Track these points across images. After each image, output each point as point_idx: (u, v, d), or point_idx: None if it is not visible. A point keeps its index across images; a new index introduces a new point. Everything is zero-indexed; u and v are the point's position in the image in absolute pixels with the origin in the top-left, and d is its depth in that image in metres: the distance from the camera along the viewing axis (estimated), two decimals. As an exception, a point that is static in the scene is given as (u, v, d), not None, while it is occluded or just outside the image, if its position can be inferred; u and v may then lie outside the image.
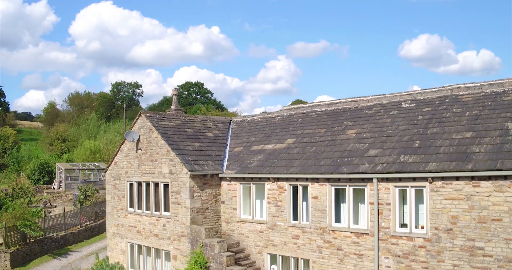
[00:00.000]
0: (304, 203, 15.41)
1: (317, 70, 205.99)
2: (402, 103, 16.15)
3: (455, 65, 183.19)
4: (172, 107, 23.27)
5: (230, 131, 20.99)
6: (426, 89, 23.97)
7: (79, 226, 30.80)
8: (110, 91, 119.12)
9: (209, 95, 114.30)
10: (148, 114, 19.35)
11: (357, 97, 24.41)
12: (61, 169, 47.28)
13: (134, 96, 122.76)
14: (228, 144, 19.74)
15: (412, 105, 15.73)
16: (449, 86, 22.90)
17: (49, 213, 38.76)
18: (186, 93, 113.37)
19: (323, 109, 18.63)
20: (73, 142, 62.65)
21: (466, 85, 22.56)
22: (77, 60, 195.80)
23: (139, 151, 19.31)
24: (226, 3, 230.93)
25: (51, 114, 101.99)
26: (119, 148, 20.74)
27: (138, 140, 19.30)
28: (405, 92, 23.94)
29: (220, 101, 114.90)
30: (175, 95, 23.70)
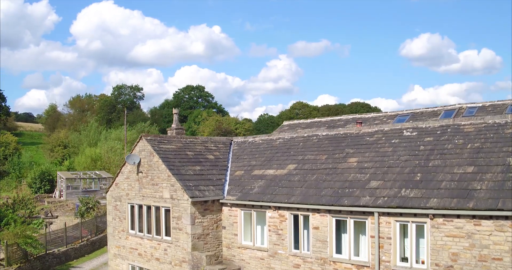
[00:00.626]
0: (305, 231, 15.40)
1: (318, 69, 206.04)
2: (404, 131, 16.13)
3: (456, 64, 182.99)
4: (173, 126, 23.29)
5: (231, 153, 20.98)
6: (428, 107, 23.99)
7: (80, 240, 30.82)
8: (111, 94, 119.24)
9: (210, 98, 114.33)
10: (148, 138, 19.34)
11: (358, 115, 24.37)
12: (62, 178, 47.31)
13: (135, 99, 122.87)
14: (229, 167, 19.73)
15: (414, 133, 15.71)
16: (450, 106, 22.92)
17: (50, 224, 38.86)
18: (187, 96, 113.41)
19: (324, 134, 18.61)
20: (74, 148, 62.70)
21: (469, 105, 22.61)
22: (78, 59, 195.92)
23: (140, 174, 19.31)
24: (227, 2, 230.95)
25: (52, 118, 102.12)
26: (120, 169, 20.75)
27: (139, 163, 19.31)
28: (406, 110, 23.94)
29: (221, 105, 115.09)
30: (175, 113, 23.71)
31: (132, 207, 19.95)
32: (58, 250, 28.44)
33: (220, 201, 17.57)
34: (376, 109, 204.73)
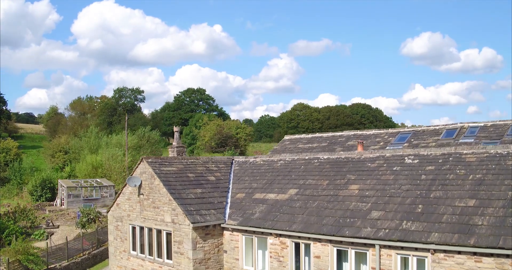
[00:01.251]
0: (307, 259, 15.40)
1: (319, 68, 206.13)
2: (406, 158, 16.12)
3: (457, 63, 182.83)
4: (174, 144, 23.31)
5: (232, 173, 20.98)
6: (429, 126, 23.95)
7: (82, 254, 30.83)
8: (112, 97, 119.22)
9: (211, 101, 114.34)
10: (149, 160, 19.35)
11: (359, 131, 24.35)
12: (63, 186, 47.34)
13: (136, 102, 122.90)
14: (230, 188, 19.74)
15: (416, 161, 15.71)
16: (452, 124, 22.89)
17: (51, 234, 38.91)
18: (188, 99, 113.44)
19: (325, 157, 18.60)
20: (75, 154, 62.72)
21: (471, 125, 22.59)
22: (80, 58, 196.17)
23: (141, 196, 19.33)
24: (228, 1, 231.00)
25: (53, 121, 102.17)
26: (121, 190, 20.77)
27: (140, 185, 19.32)
28: (408, 128, 23.90)
29: (222, 108, 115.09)
30: (176, 131, 23.70)
31: (134, 228, 19.98)
32: (59, 265, 28.44)
33: (222, 225, 17.58)
34: (377, 110, 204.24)
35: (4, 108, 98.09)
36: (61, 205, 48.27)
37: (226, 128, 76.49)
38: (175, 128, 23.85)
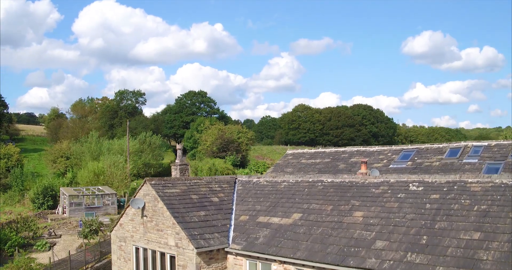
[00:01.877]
0: (311, 286, 15.38)
1: (320, 67, 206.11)
2: (410, 185, 16.09)
3: (458, 62, 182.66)
4: (176, 161, 23.32)
5: (235, 193, 20.96)
6: (433, 144, 23.89)
7: (84, 267, 30.85)
8: (113, 99, 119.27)
9: (212, 104, 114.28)
10: (153, 182, 19.33)
11: (362, 147, 24.33)
12: (65, 195, 47.37)
13: (137, 105, 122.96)
14: (234, 210, 19.71)
15: (420, 188, 15.67)
16: (455, 143, 22.85)
17: (54, 245, 38.95)
18: (189, 102, 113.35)
19: (329, 180, 18.57)
20: (77, 160, 62.76)
21: (475, 144, 22.54)
22: (81, 57, 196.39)
23: (145, 218, 19.32)
24: (229, 0, 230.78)
25: (55, 124, 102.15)
26: (125, 210, 20.77)
27: (144, 207, 19.32)
28: (411, 146, 23.87)
29: (223, 110, 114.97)
30: (179, 149, 23.69)
31: (137, 249, 19.97)
32: (62, 279, 28.50)
33: (225, 249, 17.56)
34: (379, 111, 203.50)
35: (5, 111, 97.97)
36: (63, 213, 48.32)
37: (227, 133, 76.44)
38: (178, 146, 23.84)
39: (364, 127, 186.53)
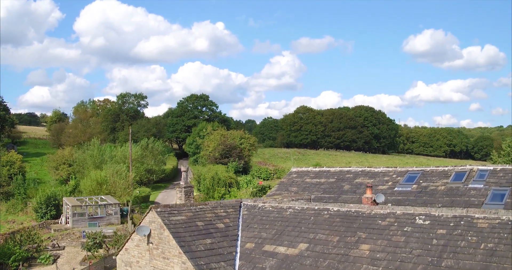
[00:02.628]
0: (318, 319, 15.40)
1: (322, 65, 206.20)
2: (417, 217, 16.08)
3: (460, 60, 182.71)
4: (181, 183, 23.35)
5: (240, 219, 20.98)
6: (438, 166, 23.87)
7: (88, 284, 30.96)
8: (115, 102, 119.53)
9: (214, 107, 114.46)
10: (158, 210, 19.34)
11: (367, 168, 24.31)
12: (68, 205, 47.46)
13: (139, 108, 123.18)
14: (240, 236, 19.73)
15: (427, 222, 15.67)
16: (461, 166, 22.83)
17: (58, 257, 39.02)
18: (191, 105, 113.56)
19: (335, 209, 18.57)
20: (79, 167, 62.87)
21: (480, 168, 22.52)
22: (82, 56, 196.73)
23: (151, 244, 19.35)
24: None
25: (56, 128, 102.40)
26: (130, 236, 20.80)
27: (149, 234, 19.34)
28: (417, 168, 23.84)
29: (225, 114, 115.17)
30: (184, 171, 23.72)
31: (143, 275, 20.01)
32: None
33: (231, 279, 17.58)
34: (380, 113, 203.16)
35: (7, 115, 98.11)
36: (66, 223, 48.41)
37: (230, 138, 76.49)
38: (183, 168, 23.88)
39: (366, 128, 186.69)
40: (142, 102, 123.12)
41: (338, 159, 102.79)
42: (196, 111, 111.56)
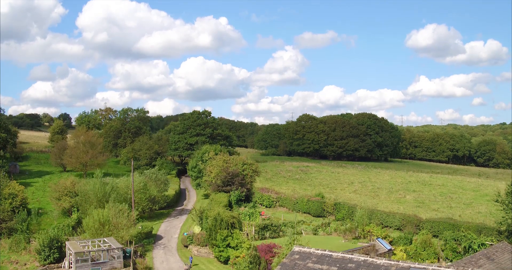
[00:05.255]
0: None
1: (325, 60, 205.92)
2: None
3: (462, 55, 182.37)
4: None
5: None
6: (440, 266, 23.65)
7: None
8: (117, 118, 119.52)
9: (216, 124, 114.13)
10: None
11: (369, 258, 24.00)
12: (71, 250, 47.45)
13: (140, 120, 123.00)
14: None
15: None
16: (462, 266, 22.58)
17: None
18: (194, 122, 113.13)
19: None
20: (82, 200, 62.91)
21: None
22: (85, 51, 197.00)
23: None
24: None
25: (58, 148, 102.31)
26: None
27: None
28: (419, 264, 23.64)
29: (226, 130, 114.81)
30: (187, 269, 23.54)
31: None
32: None
33: None
34: (383, 120, 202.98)
35: (10, 139, 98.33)
36: (69, 268, 48.39)
37: (232, 165, 76.39)
38: (186, 266, 23.71)
39: (369, 137, 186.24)
40: (144, 115, 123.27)
41: (340, 179, 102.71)
42: (198, 129, 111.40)
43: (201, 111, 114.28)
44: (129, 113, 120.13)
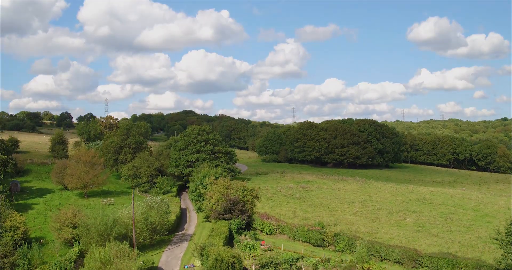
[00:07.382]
0: None
1: (326, 53, 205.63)
2: None
3: (464, 48, 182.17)
4: None
5: None
6: None
7: None
8: (118, 134, 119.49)
9: (216, 141, 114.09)
10: None
11: None
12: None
13: (139, 135, 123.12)
14: None
15: None
16: None
17: None
18: (194, 139, 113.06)
19: None
20: (83, 233, 63.15)
21: None
22: (86, 45, 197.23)
23: None
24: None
25: (60, 167, 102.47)
26: None
27: None
28: None
29: (226, 145, 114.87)
30: None
31: None
32: None
33: None
34: (384, 126, 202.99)
35: (12, 163, 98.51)
36: (71, 313, 48.67)
37: (233, 191, 76.56)
38: None
39: (370, 144, 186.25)
40: (147, 126, 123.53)
41: (341, 197, 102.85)
42: (199, 146, 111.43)
43: (200, 127, 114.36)
44: (132, 129, 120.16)
